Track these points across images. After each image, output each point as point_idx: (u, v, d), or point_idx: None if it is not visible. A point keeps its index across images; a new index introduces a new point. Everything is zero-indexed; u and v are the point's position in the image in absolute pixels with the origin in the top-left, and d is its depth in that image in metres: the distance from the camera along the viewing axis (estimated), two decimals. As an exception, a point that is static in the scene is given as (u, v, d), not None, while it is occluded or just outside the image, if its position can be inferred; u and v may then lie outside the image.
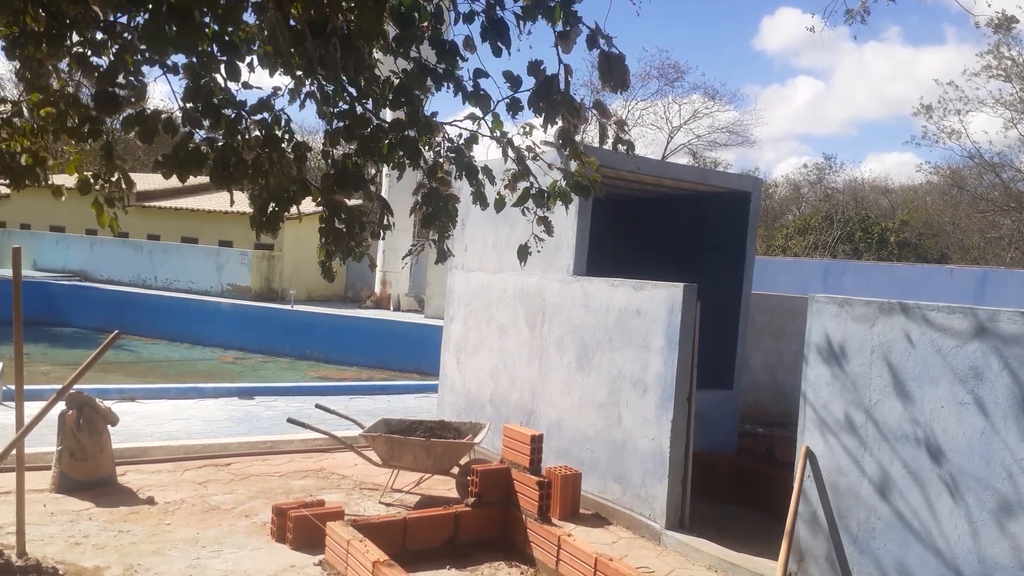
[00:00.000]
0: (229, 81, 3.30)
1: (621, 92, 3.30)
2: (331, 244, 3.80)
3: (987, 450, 4.32)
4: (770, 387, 9.64)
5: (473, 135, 3.88)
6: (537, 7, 3.16)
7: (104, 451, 6.47)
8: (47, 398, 4.90)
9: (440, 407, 9.13)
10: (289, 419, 6.64)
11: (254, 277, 22.49)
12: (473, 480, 5.84)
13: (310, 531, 5.33)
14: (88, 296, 21.97)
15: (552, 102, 3.33)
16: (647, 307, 6.42)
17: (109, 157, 3.94)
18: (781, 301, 9.94)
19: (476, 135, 3.88)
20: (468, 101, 3.49)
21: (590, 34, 3.18)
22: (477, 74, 3.45)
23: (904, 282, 19.39)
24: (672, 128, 41.69)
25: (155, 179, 27.81)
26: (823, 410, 5.21)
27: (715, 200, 8.70)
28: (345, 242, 3.82)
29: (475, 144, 3.92)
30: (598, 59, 3.19)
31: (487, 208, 4.08)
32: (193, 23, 2.69)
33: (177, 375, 16.23)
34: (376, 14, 2.89)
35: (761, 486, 6.95)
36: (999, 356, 4.30)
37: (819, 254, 34.58)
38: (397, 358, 17.80)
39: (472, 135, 3.89)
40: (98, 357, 4.72)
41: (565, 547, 5.19)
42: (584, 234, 7.28)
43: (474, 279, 8.65)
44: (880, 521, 4.82)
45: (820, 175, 44.47)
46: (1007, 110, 29.13)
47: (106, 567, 4.91)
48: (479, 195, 3.93)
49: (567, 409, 7.19)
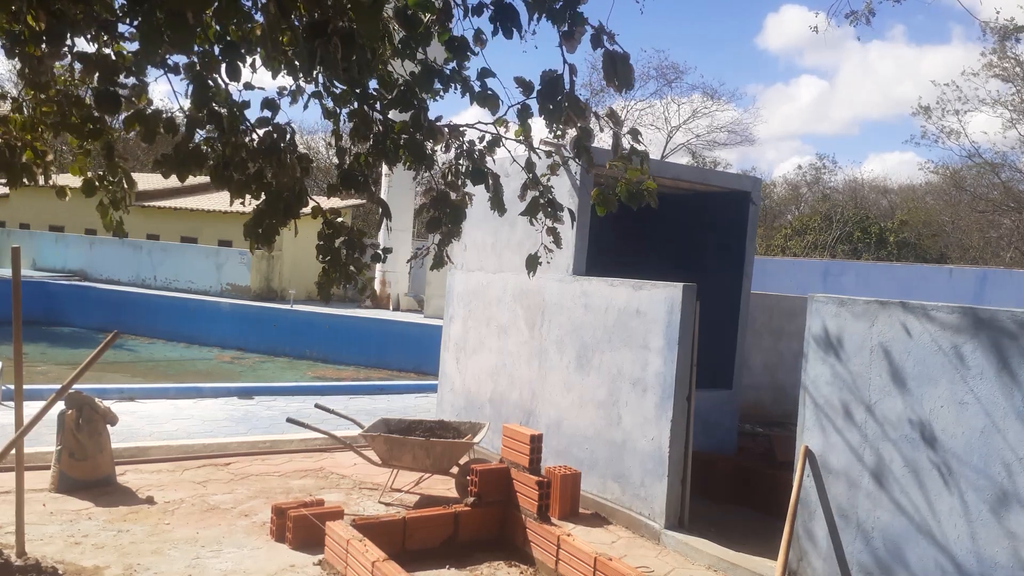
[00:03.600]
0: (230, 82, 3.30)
1: (626, 92, 3.29)
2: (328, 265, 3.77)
3: (987, 449, 4.32)
4: (770, 387, 9.64)
5: (496, 138, 3.83)
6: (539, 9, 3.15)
7: (103, 451, 6.47)
8: (46, 398, 4.90)
9: (440, 407, 9.13)
10: (288, 419, 6.64)
11: (253, 277, 22.48)
12: (472, 480, 5.84)
13: (310, 531, 5.33)
14: (87, 296, 21.95)
15: (558, 103, 3.32)
16: (647, 307, 6.42)
17: (110, 157, 3.94)
18: (780, 301, 9.94)
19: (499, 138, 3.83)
20: (476, 102, 3.47)
21: (594, 33, 3.17)
22: (483, 74, 3.43)
23: (904, 282, 19.40)
24: (671, 128, 41.74)
25: (154, 179, 27.80)
26: (823, 409, 5.21)
27: (715, 200, 8.70)
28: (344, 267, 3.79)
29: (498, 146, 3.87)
30: (603, 59, 3.18)
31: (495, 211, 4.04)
32: (187, 25, 2.69)
33: (175, 375, 16.22)
34: (374, 15, 2.89)
35: (761, 486, 6.95)
36: (998, 356, 4.30)
37: (818, 254, 34.60)
38: (396, 358, 17.79)
39: (495, 138, 3.84)
40: (97, 357, 4.72)
41: (564, 547, 5.19)
42: (584, 234, 7.29)
43: (474, 279, 8.65)
44: (880, 520, 4.82)
45: (817, 175, 44.53)
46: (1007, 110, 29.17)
47: (105, 567, 4.91)
48: (497, 201, 3.88)
49: (566, 409, 7.19)
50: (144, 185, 26.06)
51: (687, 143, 42.19)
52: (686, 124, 41.70)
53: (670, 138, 41.83)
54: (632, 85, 3.23)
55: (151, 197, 26.90)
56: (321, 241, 3.77)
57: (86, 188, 4.05)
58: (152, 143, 3.51)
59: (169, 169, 3.44)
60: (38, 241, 26.06)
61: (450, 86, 3.45)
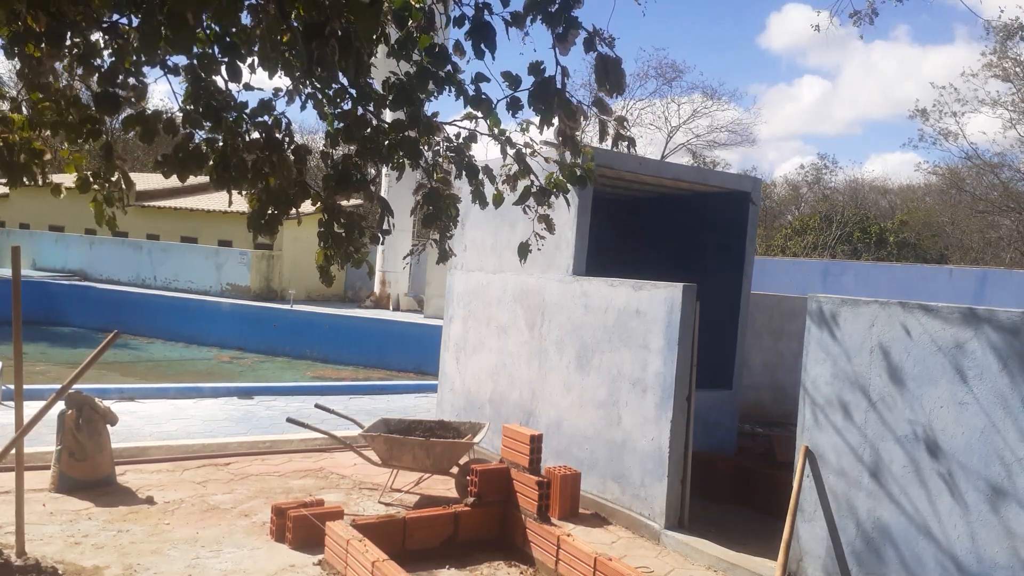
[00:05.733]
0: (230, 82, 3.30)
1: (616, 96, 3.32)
2: (330, 249, 3.81)
3: (986, 449, 4.32)
4: (770, 387, 9.65)
5: (472, 134, 3.89)
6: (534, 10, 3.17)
7: (103, 451, 6.46)
8: (46, 398, 4.90)
9: (439, 407, 9.13)
10: (288, 419, 6.64)
11: (253, 277, 22.49)
12: (472, 480, 5.84)
13: (309, 531, 5.33)
14: (87, 296, 21.96)
15: (549, 104, 3.34)
16: (647, 307, 6.43)
17: (109, 157, 3.94)
18: (780, 301, 9.94)
19: (475, 134, 3.89)
20: (469, 105, 3.49)
21: (588, 37, 3.19)
22: (478, 78, 3.45)
23: (903, 282, 19.41)
24: (671, 128, 41.74)
25: (154, 179, 27.81)
26: (822, 409, 5.22)
27: (714, 200, 8.70)
28: (344, 247, 3.82)
29: (474, 143, 3.93)
30: (595, 62, 3.20)
31: (486, 207, 4.09)
32: (187, 26, 2.69)
33: (175, 375, 16.23)
34: (372, 17, 2.90)
35: (761, 486, 6.95)
36: (998, 356, 4.30)
37: (818, 254, 34.61)
38: (396, 358, 17.80)
39: (471, 134, 3.90)
40: (97, 357, 4.72)
41: (564, 547, 5.19)
42: (583, 234, 7.28)
43: (474, 279, 8.65)
44: (880, 520, 4.82)
45: (817, 175, 44.53)
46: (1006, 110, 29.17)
47: (105, 567, 4.91)
48: (478, 194, 3.95)
49: (566, 409, 7.19)
50: (144, 185, 26.08)
51: (687, 143, 42.22)
52: (686, 124, 41.72)
53: (670, 138, 41.86)
54: (623, 89, 3.26)
55: (151, 197, 26.90)
56: (321, 228, 3.79)
57: (81, 185, 4.05)
58: (151, 143, 3.51)
59: (170, 169, 3.45)
60: (38, 241, 26.07)
61: (444, 88, 3.47)
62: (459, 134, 3.94)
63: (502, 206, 4.12)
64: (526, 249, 4.25)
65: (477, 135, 3.91)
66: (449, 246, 4.12)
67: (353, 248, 3.85)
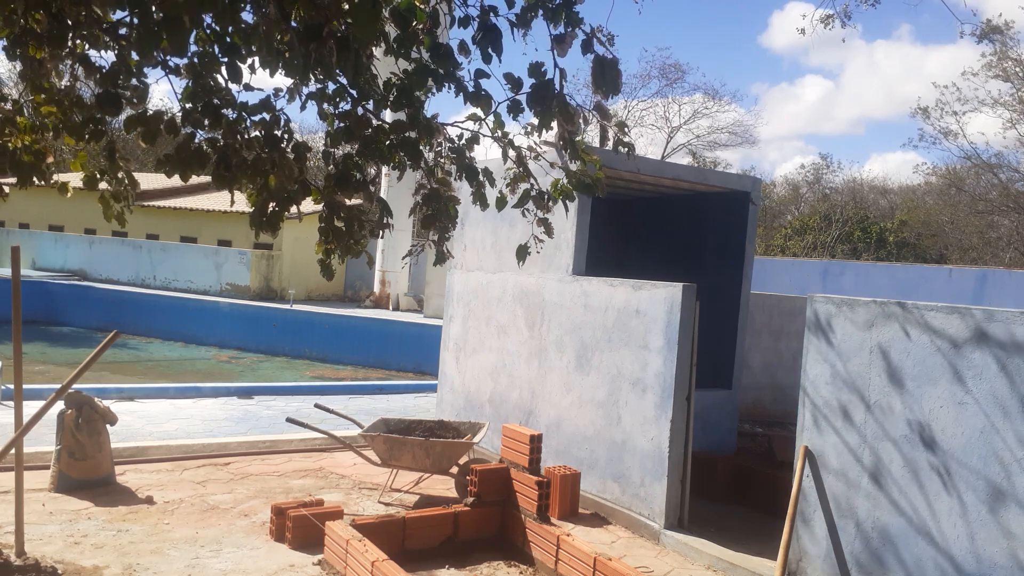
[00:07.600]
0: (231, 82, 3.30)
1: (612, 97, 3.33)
2: (331, 243, 3.82)
3: (986, 449, 4.33)
4: (769, 387, 9.65)
5: (474, 135, 3.89)
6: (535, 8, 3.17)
7: (103, 450, 6.47)
8: (46, 397, 4.90)
9: (439, 407, 9.14)
10: (288, 419, 6.65)
11: (253, 276, 22.48)
12: (472, 480, 5.84)
13: (309, 531, 5.33)
14: (87, 295, 21.95)
15: (548, 106, 3.35)
16: (646, 307, 6.43)
17: (111, 157, 3.94)
18: (780, 301, 9.95)
19: (477, 135, 3.89)
20: (469, 102, 3.50)
21: (585, 39, 3.20)
22: (478, 75, 3.46)
23: (903, 282, 19.41)
24: (672, 128, 41.74)
25: (154, 178, 27.82)
26: (822, 410, 5.22)
27: (714, 200, 8.71)
28: (345, 240, 3.84)
29: (476, 144, 3.93)
30: (592, 64, 3.21)
31: (487, 208, 4.09)
32: (183, 28, 2.70)
33: (175, 375, 16.22)
34: (372, 18, 2.90)
35: (760, 486, 6.95)
36: (996, 356, 4.31)
37: (818, 254, 34.62)
38: (396, 358, 17.80)
39: (473, 135, 3.90)
40: (97, 356, 4.72)
41: (564, 547, 5.20)
42: (583, 234, 7.29)
43: (473, 279, 8.65)
44: (879, 520, 4.83)
45: (818, 175, 44.54)
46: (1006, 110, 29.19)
47: (105, 566, 4.91)
48: (479, 195, 3.94)
49: (566, 409, 7.19)
50: (144, 185, 26.04)
51: (688, 143, 42.22)
52: (687, 124, 41.72)
53: (671, 138, 41.86)
54: (619, 91, 3.27)
55: (151, 197, 26.90)
56: (322, 223, 3.80)
57: (88, 183, 4.06)
58: (153, 144, 3.52)
59: (172, 169, 3.45)
60: (38, 241, 26.06)
61: (444, 85, 3.47)
62: (461, 135, 3.94)
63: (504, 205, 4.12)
64: (525, 251, 4.25)
65: (479, 136, 3.91)
66: (447, 247, 4.12)
67: (353, 240, 3.87)
